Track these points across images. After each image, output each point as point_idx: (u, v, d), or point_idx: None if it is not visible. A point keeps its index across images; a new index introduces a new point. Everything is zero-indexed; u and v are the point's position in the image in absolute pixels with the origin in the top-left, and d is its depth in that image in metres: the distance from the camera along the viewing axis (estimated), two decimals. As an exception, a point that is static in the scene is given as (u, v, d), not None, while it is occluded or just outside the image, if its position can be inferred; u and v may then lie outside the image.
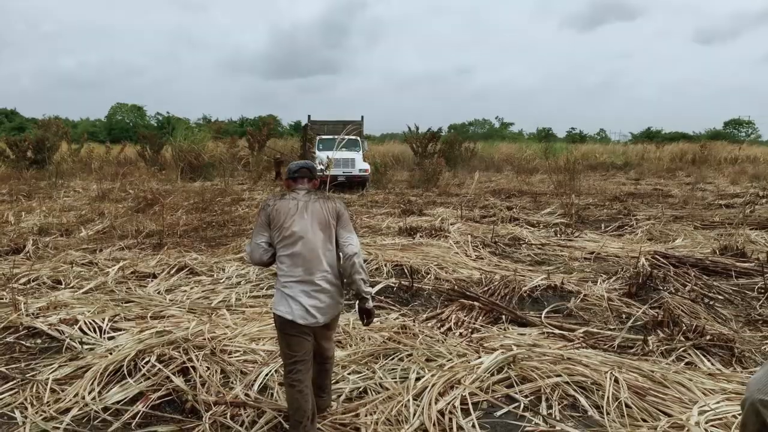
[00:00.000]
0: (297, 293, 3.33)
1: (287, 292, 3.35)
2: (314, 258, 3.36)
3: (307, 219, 3.40)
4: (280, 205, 3.43)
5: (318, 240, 3.39)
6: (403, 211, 13.46)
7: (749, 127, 58.26)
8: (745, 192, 17.48)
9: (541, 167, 25.57)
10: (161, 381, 4.10)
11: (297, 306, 3.31)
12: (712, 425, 3.52)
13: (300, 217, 3.39)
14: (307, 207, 3.43)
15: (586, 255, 8.67)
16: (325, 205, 3.50)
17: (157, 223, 10.64)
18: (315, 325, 3.35)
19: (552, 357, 4.53)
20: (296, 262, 3.35)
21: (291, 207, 3.42)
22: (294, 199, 3.46)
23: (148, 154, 26.25)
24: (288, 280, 3.36)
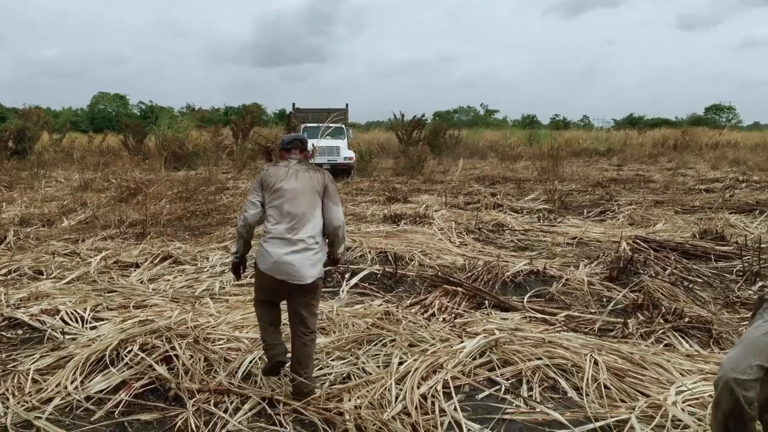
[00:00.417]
0: (276, 249, 3.57)
1: (267, 247, 3.60)
2: (298, 218, 3.62)
3: (297, 183, 3.69)
4: (273, 170, 3.77)
5: (304, 203, 3.66)
6: (388, 199, 13.49)
7: (730, 113, 58.84)
8: (725, 177, 17.70)
9: (525, 154, 25.72)
10: (144, 370, 4.09)
11: (275, 260, 3.56)
12: (689, 405, 3.59)
13: (290, 180, 3.69)
14: (297, 174, 3.74)
15: (568, 240, 8.76)
16: (315, 175, 3.78)
17: (140, 213, 10.56)
18: (291, 281, 3.56)
19: (533, 340, 4.58)
20: (281, 219, 3.62)
21: (282, 172, 3.74)
22: (286, 166, 3.79)
23: (131, 143, 25.97)
24: (271, 235, 3.61)
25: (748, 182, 16.09)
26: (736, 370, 1.54)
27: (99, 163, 18.64)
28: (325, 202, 3.77)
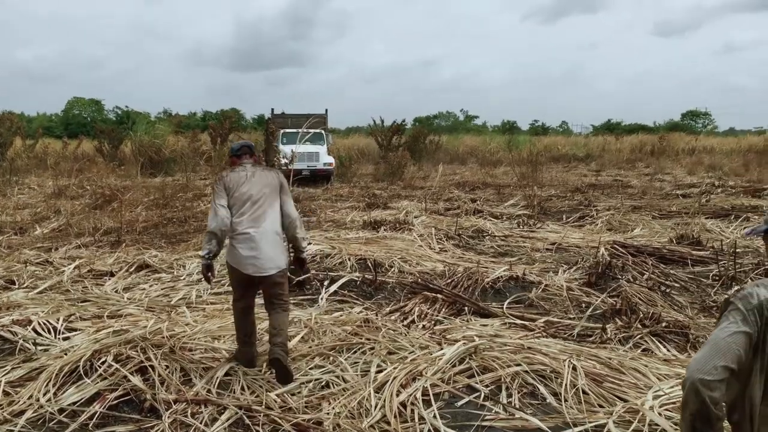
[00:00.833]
0: (241, 246, 3.99)
1: (237, 245, 4.01)
2: (260, 217, 4.05)
3: (255, 186, 4.11)
4: (232, 176, 4.15)
5: (264, 203, 4.09)
6: (368, 205, 13.47)
7: (706, 119, 59.90)
8: (701, 182, 17.97)
9: (505, 159, 25.86)
10: (119, 381, 4.01)
11: (239, 256, 4.00)
12: (666, 409, 3.61)
13: (249, 184, 4.10)
14: (254, 176, 4.16)
15: (547, 246, 8.80)
16: (270, 174, 4.26)
17: (115, 220, 10.41)
18: (258, 274, 4.00)
19: (513, 347, 4.58)
20: (246, 221, 4.02)
21: (241, 176, 4.14)
22: (243, 171, 4.19)
23: (106, 149, 25.62)
24: (238, 235, 4.01)
25: (724, 187, 16.34)
26: (702, 371, 1.57)
27: (73, 170, 18.34)
28: (282, 197, 4.24)
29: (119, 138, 26.13)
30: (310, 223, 10.87)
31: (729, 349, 1.61)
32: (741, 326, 1.64)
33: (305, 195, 15.77)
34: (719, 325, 1.68)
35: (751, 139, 35.19)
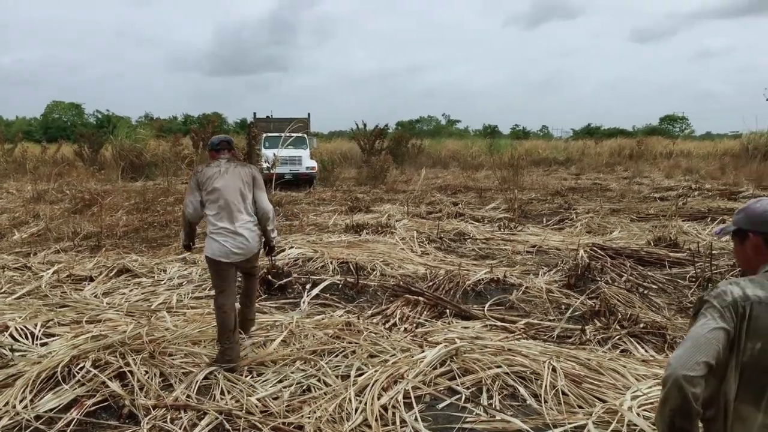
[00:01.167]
0: (222, 238, 4.28)
1: (215, 238, 4.30)
2: (234, 210, 4.30)
3: (229, 180, 4.32)
4: (206, 171, 4.37)
5: (237, 196, 4.33)
6: (350, 209, 13.46)
7: (683, 123, 60.68)
8: (679, 185, 18.22)
9: (487, 163, 26.01)
10: (97, 387, 3.98)
11: (222, 248, 4.27)
12: (644, 409, 3.66)
13: (222, 179, 4.31)
14: (228, 171, 4.36)
15: (528, 248, 8.87)
16: (243, 170, 4.45)
17: (95, 225, 10.30)
18: (239, 261, 4.37)
19: (493, 348, 4.61)
20: (221, 214, 4.29)
21: (215, 172, 4.35)
22: (217, 166, 4.39)
23: (86, 153, 25.32)
24: (215, 228, 4.30)
25: (701, 190, 16.58)
26: (685, 367, 1.60)
27: (53, 174, 18.12)
28: (255, 191, 4.48)
29: (100, 142, 25.83)
30: (293, 227, 10.85)
31: (709, 345, 1.65)
32: (719, 323, 1.68)
33: (288, 199, 15.72)
34: (696, 323, 1.72)
35: (727, 143, 35.69)
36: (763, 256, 1.83)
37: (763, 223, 1.84)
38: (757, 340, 1.67)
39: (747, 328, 1.68)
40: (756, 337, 1.67)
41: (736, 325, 1.68)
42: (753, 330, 1.67)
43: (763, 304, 1.69)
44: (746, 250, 1.89)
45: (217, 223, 4.28)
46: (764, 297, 1.70)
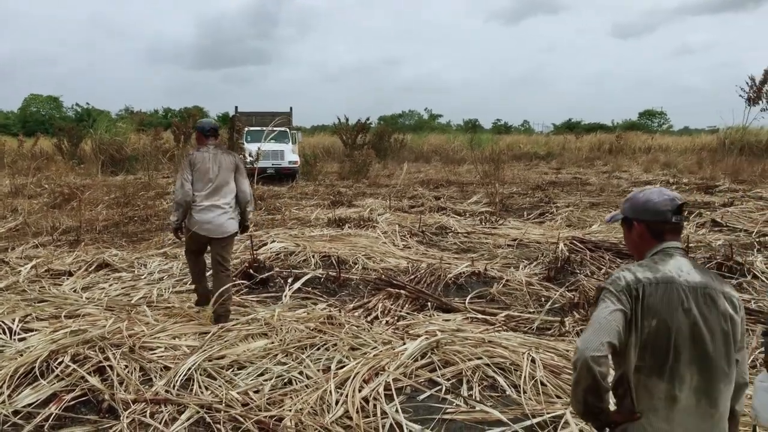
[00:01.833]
0: (202, 215, 5.01)
1: (195, 214, 5.01)
2: (218, 192, 5.04)
3: (216, 166, 5.04)
4: (197, 155, 5.07)
5: (222, 180, 5.05)
6: (333, 203, 13.46)
7: (661, 118, 61.37)
8: (657, 179, 18.46)
9: (468, 158, 26.11)
10: (76, 381, 3.95)
11: (197, 222, 5.01)
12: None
13: (211, 164, 5.03)
14: (216, 158, 5.08)
15: (509, 242, 8.94)
16: (228, 157, 5.18)
17: (74, 219, 10.19)
18: (211, 236, 5.05)
19: (474, 341, 4.66)
20: (206, 194, 5.01)
21: (205, 157, 5.05)
22: (206, 152, 5.09)
23: (65, 147, 24.98)
24: (199, 205, 5.00)
25: (678, 184, 16.83)
26: (591, 349, 1.74)
27: (31, 168, 17.85)
28: (237, 177, 5.18)
29: (79, 136, 25.50)
30: (275, 221, 10.82)
31: (610, 326, 1.81)
32: (617, 305, 1.84)
33: (270, 193, 15.66)
34: (597, 308, 1.88)
35: (704, 138, 36.16)
36: (647, 242, 2.03)
37: (644, 212, 2.02)
38: (652, 318, 1.85)
39: (642, 308, 1.85)
40: (650, 315, 1.85)
41: (632, 306, 1.85)
42: (647, 309, 1.85)
43: (653, 285, 1.87)
44: (632, 236, 2.08)
45: (198, 201, 5.01)
46: (653, 278, 1.89)
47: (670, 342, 1.85)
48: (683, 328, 1.85)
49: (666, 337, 1.85)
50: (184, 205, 5.05)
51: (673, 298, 1.87)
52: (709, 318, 1.87)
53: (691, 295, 1.88)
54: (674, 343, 1.85)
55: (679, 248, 2.01)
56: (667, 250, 1.99)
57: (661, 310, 1.85)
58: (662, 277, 1.89)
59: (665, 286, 1.88)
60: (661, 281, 1.89)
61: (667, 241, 2.01)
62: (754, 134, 25.49)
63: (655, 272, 1.91)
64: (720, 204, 12.42)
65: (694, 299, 1.88)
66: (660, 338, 1.85)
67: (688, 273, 1.92)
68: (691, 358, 1.85)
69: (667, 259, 1.96)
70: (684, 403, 1.86)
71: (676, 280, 1.89)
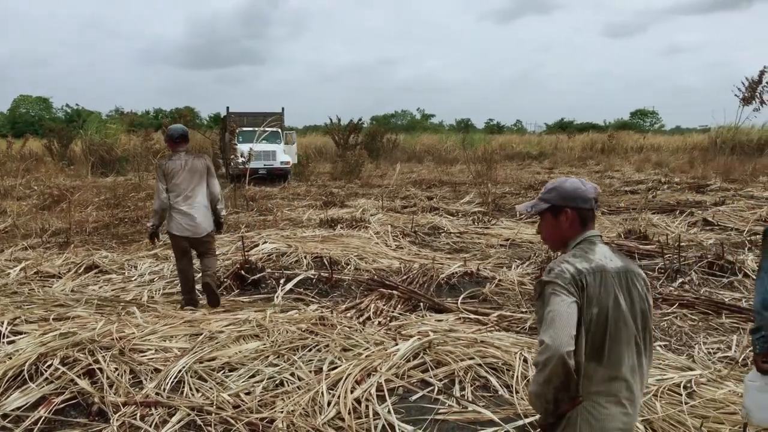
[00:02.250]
0: (180, 218, 5.37)
1: (175, 217, 5.38)
2: (194, 196, 5.37)
3: (188, 172, 5.36)
4: (169, 164, 5.37)
5: (195, 185, 5.38)
6: (325, 203, 13.43)
7: (653, 117, 61.65)
8: (649, 179, 18.53)
9: (461, 158, 26.13)
10: (65, 384, 3.92)
11: (178, 225, 5.38)
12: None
13: (183, 171, 5.35)
14: (188, 164, 5.38)
15: (501, 242, 8.95)
16: (199, 162, 5.48)
17: (64, 221, 10.12)
18: (191, 236, 5.42)
19: (466, 341, 4.65)
20: (181, 199, 5.34)
21: (177, 165, 5.36)
22: (179, 159, 5.38)
23: (55, 148, 24.83)
24: (176, 210, 5.35)
25: (670, 184, 16.90)
26: (563, 345, 1.75)
27: (20, 170, 17.74)
28: (208, 179, 5.50)
29: (69, 137, 25.35)
30: (267, 222, 10.79)
31: (571, 319, 1.85)
32: (571, 297, 1.88)
33: (262, 194, 15.62)
34: (550, 303, 1.88)
35: (696, 137, 36.34)
36: (575, 229, 2.07)
37: (575, 199, 2.07)
38: (593, 306, 1.91)
39: (586, 297, 1.91)
40: (592, 304, 1.91)
41: (580, 296, 1.90)
42: (589, 297, 1.91)
43: (591, 274, 1.93)
44: (561, 224, 2.10)
45: (178, 206, 5.35)
46: (590, 268, 1.94)
47: (607, 327, 1.92)
48: (617, 312, 1.93)
49: (604, 323, 1.92)
50: (160, 213, 5.46)
51: (608, 284, 1.94)
52: (635, 300, 1.98)
53: (618, 280, 1.96)
54: (611, 328, 1.92)
55: (598, 235, 2.09)
56: (591, 238, 2.06)
57: (600, 297, 1.92)
58: (596, 266, 1.95)
59: (600, 274, 1.94)
60: (596, 270, 1.94)
61: (589, 229, 2.08)
62: (746, 133, 25.62)
63: (589, 262, 1.96)
64: (711, 203, 12.48)
65: (621, 284, 1.97)
66: (600, 324, 1.92)
67: (611, 259, 2.00)
68: (625, 339, 1.94)
69: (593, 248, 2.02)
70: (632, 380, 1.96)
71: (606, 267, 1.96)
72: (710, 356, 4.68)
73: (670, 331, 5.29)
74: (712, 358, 4.64)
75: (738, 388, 3.86)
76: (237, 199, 13.30)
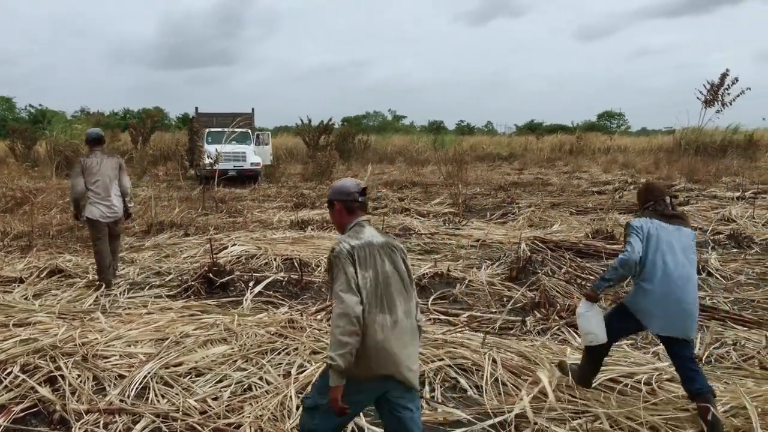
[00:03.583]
0: (99, 205, 6.42)
1: (95, 205, 6.41)
2: (107, 188, 6.45)
3: (104, 169, 6.46)
4: (87, 161, 6.48)
5: (109, 179, 6.49)
6: (296, 205, 13.35)
7: (620, 119, 62.63)
8: (615, 179, 18.84)
9: (432, 159, 26.22)
10: (25, 392, 3.82)
11: (100, 212, 6.42)
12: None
13: (99, 167, 6.44)
14: (103, 161, 6.50)
15: (472, 242, 8.98)
16: (113, 160, 6.63)
17: (26, 224, 9.87)
18: (107, 221, 6.47)
19: (436, 342, 4.65)
20: (99, 191, 6.42)
21: (94, 162, 6.46)
22: (95, 157, 6.50)
23: (18, 149, 24.24)
24: (94, 199, 6.41)
25: (636, 184, 17.18)
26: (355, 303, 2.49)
27: (-20, 172, 17.26)
28: (120, 174, 6.61)
29: (33, 138, 24.79)
30: (236, 224, 10.67)
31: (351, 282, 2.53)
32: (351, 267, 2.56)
33: (231, 195, 15.45)
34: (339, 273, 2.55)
35: (661, 139, 37.11)
36: (345, 217, 2.77)
37: (339, 193, 2.79)
38: (367, 270, 2.59)
39: (359, 264, 2.58)
40: (365, 268, 2.59)
41: (354, 264, 2.57)
42: (362, 265, 2.58)
43: (362, 248, 2.61)
44: (335, 214, 2.81)
45: (96, 197, 6.39)
46: (360, 244, 2.63)
47: (379, 284, 2.60)
48: (384, 273, 2.63)
49: (377, 282, 2.60)
50: (77, 199, 6.56)
51: (375, 254, 2.64)
52: (396, 263, 2.69)
53: (382, 250, 2.67)
54: (383, 285, 2.62)
55: (367, 221, 2.79)
56: (360, 222, 2.75)
57: (370, 263, 2.61)
58: (365, 242, 2.64)
59: (368, 247, 2.64)
60: (365, 245, 2.64)
61: (358, 217, 2.76)
62: (709, 135, 26.21)
63: (359, 239, 2.65)
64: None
65: (384, 253, 2.67)
66: (378, 284, 2.60)
67: (375, 237, 2.71)
68: (395, 292, 2.64)
69: (362, 229, 2.71)
70: (401, 324, 2.62)
71: (372, 242, 2.67)
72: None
73: (636, 330, 5.36)
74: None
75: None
76: (206, 201, 13.13)
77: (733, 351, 4.69)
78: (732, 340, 4.92)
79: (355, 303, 2.49)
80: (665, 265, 3.50)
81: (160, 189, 14.31)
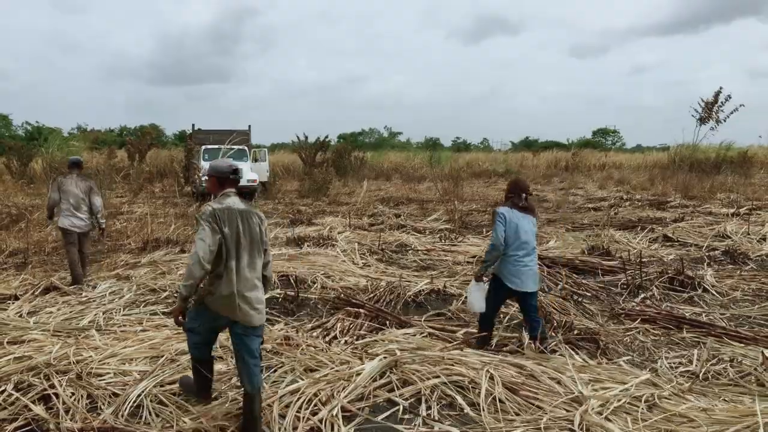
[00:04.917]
0: (69, 218, 7.22)
1: (67, 217, 7.21)
2: (79, 205, 7.27)
3: (77, 188, 7.28)
4: (64, 180, 7.33)
5: (81, 196, 7.28)
6: (292, 221, 13.34)
7: (615, 136, 63.06)
8: (611, 196, 18.91)
9: (428, 175, 26.29)
10: (19, 410, 3.77)
11: (68, 221, 7.21)
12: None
13: (71, 188, 7.26)
14: (76, 182, 7.31)
15: (468, 259, 8.98)
16: (84, 183, 7.40)
17: (22, 241, 9.84)
18: (75, 230, 7.23)
19: (433, 359, 4.62)
20: (71, 207, 7.22)
21: (69, 182, 7.29)
22: (71, 179, 7.33)
23: (14, 166, 24.20)
24: (67, 213, 7.20)
25: (631, 201, 17.26)
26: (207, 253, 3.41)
27: (-25, 188, 17.21)
28: (91, 195, 7.35)
29: (29, 155, 24.75)
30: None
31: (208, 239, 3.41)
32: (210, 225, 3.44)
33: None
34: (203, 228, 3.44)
35: (656, 155, 37.31)
36: (217, 188, 3.67)
37: (214, 170, 3.69)
38: (225, 228, 3.47)
39: (221, 222, 3.46)
40: (224, 227, 3.47)
41: (218, 223, 3.45)
42: (223, 222, 3.47)
43: (222, 211, 3.50)
44: (210, 184, 3.72)
45: (67, 211, 7.21)
46: (221, 207, 3.51)
47: (233, 239, 3.50)
48: (239, 231, 3.52)
49: (233, 237, 3.50)
50: (51, 207, 7.37)
51: (234, 216, 3.53)
52: (251, 225, 3.59)
53: (241, 215, 3.56)
54: (237, 240, 3.51)
55: (234, 192, 3.67)
56: (228, 193, 3.64)
57: (229, 222, 3.49)
58: (226, 207, 3.53)
59: (228, 210, 3.53)
60: (225, 209, 3.52)
61: (227, 188, 3.66)
62: (703, 151, 26.38)
63: (222, 204, 3.54)
64: (671, 219, 12.78)
65: (243, 217, 3.56)
66: (231, 238, 3.49)
67: (237, 204, 3.59)
68: (245, 247, 3.55)
69: (227, 198, 3.60)
70: (243, 272, 3.52)
71: (232, 207, 3.56)
72: (672, 370, 4.74)
73: (633, 346, 5.36)
74: (674, 372, 4.70)
75: (699, 403, 3.93)
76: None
77: (730, 367, 4.68)
78: (729, 357, 4.91)
79: (204, 250, 3.36)
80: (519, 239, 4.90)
81: (156, 206, 14.29)
